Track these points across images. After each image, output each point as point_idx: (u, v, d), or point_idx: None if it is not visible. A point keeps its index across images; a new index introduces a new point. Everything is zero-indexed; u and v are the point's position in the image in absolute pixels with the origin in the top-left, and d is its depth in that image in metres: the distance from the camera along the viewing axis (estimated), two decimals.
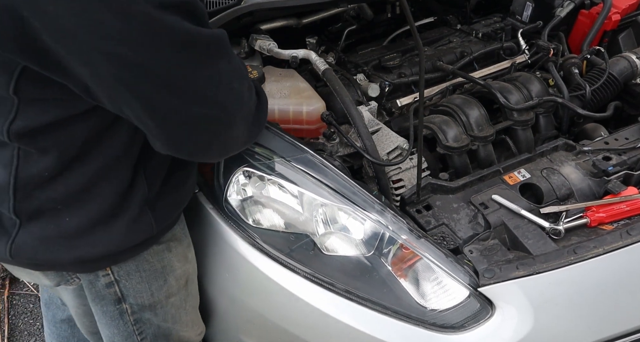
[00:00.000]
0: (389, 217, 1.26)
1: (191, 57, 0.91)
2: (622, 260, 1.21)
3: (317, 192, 1.27)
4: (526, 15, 2.02)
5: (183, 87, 0.92)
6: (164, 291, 1.28)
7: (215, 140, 1.04)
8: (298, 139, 1.37)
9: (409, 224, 1.28)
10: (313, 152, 1.33)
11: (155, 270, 1.25)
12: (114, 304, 1.26)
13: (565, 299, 1.21)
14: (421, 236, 1.26)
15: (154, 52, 0.86)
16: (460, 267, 1.24)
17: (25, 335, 2.39)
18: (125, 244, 1.13)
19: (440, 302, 1.23)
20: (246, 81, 1.07)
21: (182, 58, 0.90)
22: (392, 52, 1.87)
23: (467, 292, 1.22)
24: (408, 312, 1.22)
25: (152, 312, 1.30)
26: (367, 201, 1.27)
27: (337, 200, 1.27)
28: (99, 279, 1.21)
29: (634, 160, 1.43)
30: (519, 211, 1.32)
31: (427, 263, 1.23)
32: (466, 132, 1.58)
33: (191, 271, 1.36)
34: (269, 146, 1.32)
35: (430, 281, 1.24)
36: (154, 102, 0.91)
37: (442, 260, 1.23)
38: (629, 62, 1.74)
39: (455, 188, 1.42)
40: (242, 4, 1.62)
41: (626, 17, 1.96)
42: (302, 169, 1.29)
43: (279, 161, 1.30)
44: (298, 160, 1.30)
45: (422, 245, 1.24)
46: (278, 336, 1.36)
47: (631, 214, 1.30)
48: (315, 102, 1.56)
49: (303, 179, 1.28)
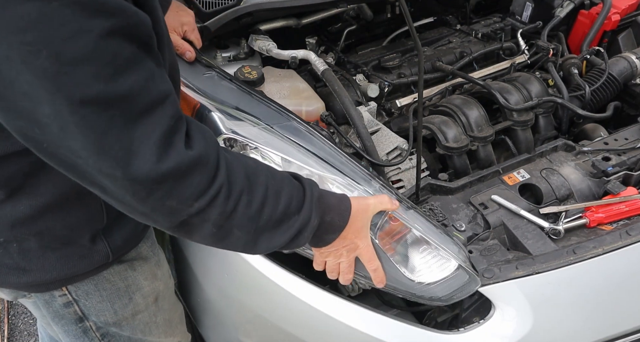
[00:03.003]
0: (377, 187, 1.21)
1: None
2: (621, 260, 1.21)
3: (303, 161, 1.21)
4: (526, 15, 2.02)
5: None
6: (129, 309, 1.23)
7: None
8: (282, 106, 1.31)
9: (397, 194, 1.24)
10: (300, 120, 1.27)
11: (117, 289, 1.19)
12: (76, 323, 1.21)
13: (564, 299, 1.21)
14: (410, 207, 1.23)
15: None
16: (449, 239, 1.22)
17: (25, 335, 2.39)
18: (79, 270, 1.09)
19: (429, 275, 1.21)
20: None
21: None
22: (391, 53, 1.87)
23: (456, 263, 1.20)
24: (395, 286, 1.20)
25: (119, 328, 1.25)
26: (355, 170, 1.22)
27: (324, 169, 1.20)
28: (55, 299, 1.16)
29: (634, 160, 1.43)
30: (519, 211, 1.32)
31: (416, 234, 1.20)
32: (466, 133, 1.58)
33: (162, 288, 1.30)
34: (253, 113, 1.25)
35: (420, 252, 1.21)
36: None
37: (431, 231, 1.21)
38: (629, 62, 1.74)
39: (455, 188, 1.42)
40: (242, 5, 1.62)
41: (626, 17, 1.96)
42: (288, 137, 1.23)
43: (263, 128, 1.23)
44: (284, 127, 1.23)
45: (410, 216, 1.21)
46: (277, 336, 1.36)
47: (630, 214, 1.30)
48: (315, 103, 1.56)
49: (288, 147, 1.22)
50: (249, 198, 0.92)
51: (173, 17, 1.42)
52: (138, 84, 0.80)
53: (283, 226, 0.97)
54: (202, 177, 0.87)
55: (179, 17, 1.43)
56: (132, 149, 0.80)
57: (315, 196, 1.01)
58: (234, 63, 1.70)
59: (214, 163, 0.88)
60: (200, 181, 0.86)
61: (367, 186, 1.21)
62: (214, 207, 0.89)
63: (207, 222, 0.90)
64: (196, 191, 0.86)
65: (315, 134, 1.24)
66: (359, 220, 1.08)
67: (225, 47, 1.74)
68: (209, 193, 0.88)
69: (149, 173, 0.81)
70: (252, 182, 0.93)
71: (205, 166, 0.87)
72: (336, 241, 1.06)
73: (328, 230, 1.04)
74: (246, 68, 1.58)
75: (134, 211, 0.88)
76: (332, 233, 1.05)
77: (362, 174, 1.22)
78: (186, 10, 1.48)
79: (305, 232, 0.99)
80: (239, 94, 1.30)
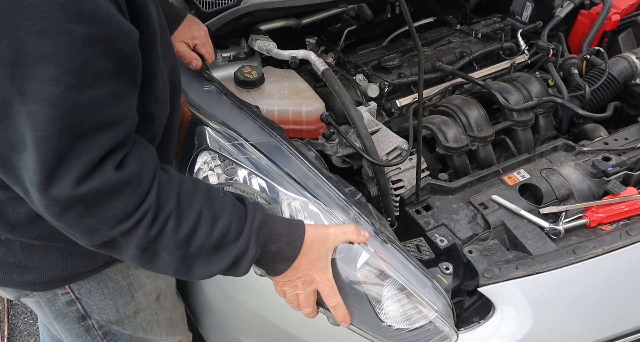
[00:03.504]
0: (352, 216, 1.11)
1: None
2: (621, 260, 1.21)
3: (275, 180, 1.15)
4: (526, 15, 2.02)
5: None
6: (131, 307, 1.23)
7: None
8: (273, 124, 1.28)
9: (375, 225, 1.12)
10: (283, 139, 1.22)
11: (120, 287, 1.19)
12: (78, 322, 1.21)
13: (564, 299, 1.21)
14: (387, 241, 1.10)
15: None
16: (429, 283, 1.08)
17: (25, 335, 2.39)
18: (82, 268, 1.09)
19: (401, 322, 1.08)
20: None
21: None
22: (391, 53, 1.87)
23: (432, 315, 1.06)
24: (362, 326, 1.08)
25: (121, 327, 1.25)
26: (331, 195, 1.13)
27: (294, 191, 1.13)
28: (57, 297, 1.16)
29: (634, 160, 1.43)
30: (519, 211, 1.32)
31: (390, 275, 1.06)
32: (466, 133, 1.58)
33: (164, 286, 1.29)
34: (236, 128, 1.23)
35: (393, 294, 1.07)
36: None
37: (408, 273, 1.07)
38: (629, 62, 1.74)
39: (455, 188, 1.42)
40: (242, 5, 1.62)
41: (626, 17, 1.96)
42: (264, 154, 1.18)
43: (239, 144, 1.20)
44: (262, 144, 1.19)
45: (387, 251, 1.08)
46: (277, 336, 1.36)
47: (630, 214, 1.30)
48: (315, 103, 1.56)
49: (259, 163, 1.17)
50: (176, 223, 0.88)
51: (184, 30, 1.43)
52: (98, 101, 0.78)
53: (220, 253, 0.93)
54: (129, 199, 0.84)
55: (191, 31, 1.45)
56: (61, 162, 0.77)
57: (256, 223, 0.95)
58: (234, 63, 1.70)
59: (146, 186, 0.86)
60: (126, 204, 0.84)
61: (341, 212, 1.12)
62: (138, 230, 0.86)
63: (131, 244, 0.88)
64: (120, 213, 0.84)
65: (296, 154, 1.18)
66: (314, 251, 0.99)
67: (225, 47, 1.74)
68: (134, 216, 0.85)
69: (63, 191, 0.78)
70: (184, 207, 0.90)
71: (135, 189, 0.84)
72: (288, 271, 0.99)
73: (276, 259, 0.98)
74: (246, 68, 1.58)
75: (51, 222, 0.85)
76: (282, 263, 0.98)
77: (337, 199, 1.13)
78: (199, 25, 1.49)
79: (243, 261, 0.94)
80: (230, 109, 1.30)
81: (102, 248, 0.90)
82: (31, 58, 0.72)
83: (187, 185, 0.93)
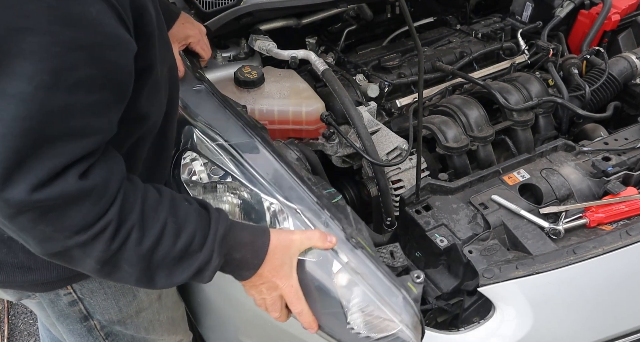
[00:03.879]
0: (323, 219, 1.09)
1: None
2: (621, 260, 1.21)
3: (250, 181, 1.14)
4: (526, 15, 2.02)
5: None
6: (133, 306, 1.22)
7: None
8: (256, 124, 1.26)
9: (347, 230, 1.08)
10: (262, 140, 1.20)
11: (122, 286, 1.17)
12: (80, 322, 1.20)
13: (564, 299, 1.21)
14: (358, 247, 1.06)
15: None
16: (397, 293, 1.04)
17: (25, 335, 2.39)
18: None
19: (367, 329, 1.05)
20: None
21: None
22: (391, 53, 1.87)
23: (398, 325, 1.03)
24: (330, 332, 1.07)
25: (123, 326, 1.25)
26: (303, 198, 1.11)
27: (267, 192, 1.12)
28: (60, 298, 1.15)
29: (634, 160, 1.43)
30: (519, 211, 1.32)
31: (356, 282, 1.04)
32: (466, 133, 1.58)
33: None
34: (218, 129, 1.23)
35: (360, 302, 1.05)
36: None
37: (377, 281, 1.04)
38: (629, 62, 1.74)
39: (455, 188, 1.42)
40: (242, 5, 1.62)
41: (626, 17, 1.96)
42: (241, 155, 1.17)
43: (220, 145, 1.20)
44: (241, 145, 1.18)
45: (357, 258, 1.05)
46: (277, 336, 1.36)
47: (630, 214, 1.30)
48: (315, 103, 1.56)
49: (231, 164, 1.16)
50: (139, 235, 0.86)
51: (178, 29, 1.41)
52: (73, 108, 0.75)
53: (183, 263, 0.92)
54: (90, 210, 0.81)
55: (185, 29, 1.43)
56: (21, 163, 0.74)
57: (220, 233, 0.94)
58: (234, 63, 1.70)
59: (109, 198, 0.83)
60: (86, 214, 0.81)
61: (312, 216, 1.10)
62: (97, 243, 0.83)
63: (89, 257, 0.85)
64: (78, 223, 0.81)
65: (273, 155, 1.17)
66: (277, 258, 0.99)
67: (225, 47, 1.74)
68: (94, 228, 0.82)
69: (17, 195, 0.75)
70: (148, 219, 0.88)
71: (97, 200, 0.82)
72: (253, 277, 0.99)
73: (240, 267, 0.98)
74: (246, 68, 1.58)
75: (2, 225, 0.82)
76: (246, 270, 0.98)
77: (310, 202, 1.11)
78: (192, 23, 1.48)
79: (206, 271, 0.94)
80: (216, 109, 1.29)
81: (56, 258, 0.86)
82: (7, 54, 0.70)
83: (151, 195, 0.91)
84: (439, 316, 1.36)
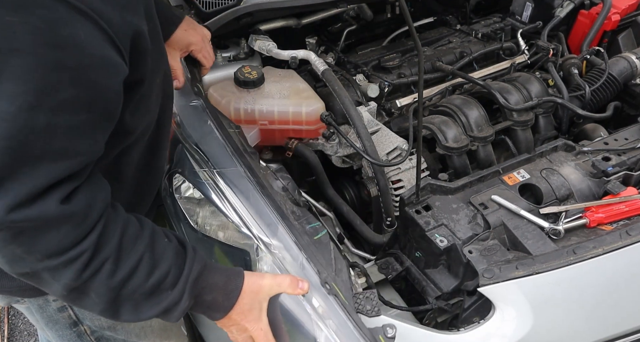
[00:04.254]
0: (300, 262, 1.06)
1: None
2: (621, 260, 1.21)
3: (228, 210, 1.13)
4: (526, 15, 2.02)
5: None
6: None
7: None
8: (247, 148, 1.25)
9: (322, 275, 1.05)
10: (248, 168, 1.19)
11: None
12: (70, 328, 1.19)
13: (564, 299, 1.21)
14: (331, 294, 1.02)
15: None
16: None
17: (25, 335, 2.39)
18: None
19: None
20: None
21: None
22: (391, 53, 1.87)
23: None
24: None
25: (113, 332, 1.23)
26: (282, 236, 1.08)
27: (243, 223, 1.11)
28: (49, 303, 1.13)
29: (634, 160, 1.43)
30: (519, 211, 1.32)
31: (324, 332, 1.01)
32: (465, 133, 1.58)
33: None
34: (207, 152, 1.23)
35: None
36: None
37: (345, 332, 1.00)
38: (629, 62, 1.75)
39: (455, 189, 1.42)
40: (242, 5, 1.62)
41: (626, 17, 1.96)
42: (223, 181, 1.17)
43: (203, 171, 1.20)
44: (228, 173, 1.18)
45: (329, 304, 1.02)
46: None
47: (630, 214, 1.30)
48: (315, 103, 1.56)
49: (213, 193, 1.17)
50: (113, 268, 0.84)
51: (180, 36, 1.38)
52: (56, 129, 0.74)
53: (152, 300, 0.90)
54: (66, 236, 0.79)
55: (187, 36, 1.39)
56: (2, 182, 0.73)
57: (193, 274, 0.92)
58: (234, 63, 1.70)
59: (89, 225, 0.81)
60: (62, 240, 0.79)
61: (288, 256, 1.08)
62: (68, 270, 0.81)
63: (57, 282, 0.83)
64: (52, 248, 0.79)
65: (257, 187, 1.15)
66: (246, 302, 0.98)
67: (225, 47, 1.74)
68: (68, 254, 0.80)
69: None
70: (124, 251, 0.86)
71: (76, 226, 0.80)
72: (223, 319, 0.99)
73: (211, 308, 0.97)
74: (246, 68, 1.58)
75: None
76: (217, 312, 0.98)
77: (290, 241, 1.08)
78: (195, 29, 1.43)
79: (174, 311, 0.92)
80: (206, 130, 1.28)
81: (24, 278, 0.85)
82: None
83: (132, 226, 0.89)
84: (439, 316, 1.36)
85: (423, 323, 1.35)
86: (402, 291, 1.47)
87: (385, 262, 1.45)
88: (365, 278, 1.43)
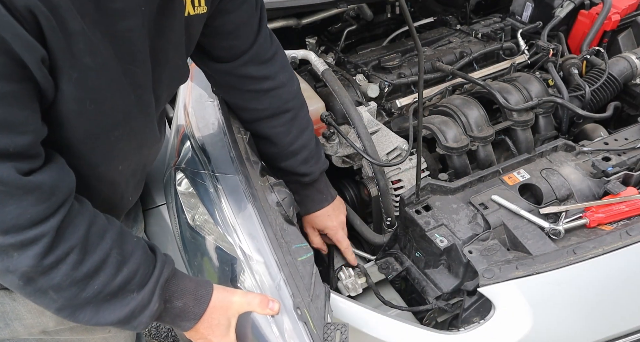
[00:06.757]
0: (277, 282, 1.03)
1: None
2: (621, 260, 1.21)
3: (216, 213, 1.13)
4: (526, 15, 2.02)
5: None
6: (5, 334, 1.07)
7: None
8: (250, 157, 1.23)
9: (296, 299, 1.01)
10: (246, 178, 1.16)
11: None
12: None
13: (564, 299, 1.21)
14: (301, 320, 0.99)
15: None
16: None
17: None
18: None
19: None
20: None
21: None
22: (391, 53, 1.87)
23: None
24: None
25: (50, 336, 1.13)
26: (265, 252, 1.06)
27: (230, 232, 1.10)
28: None
29: (634, 160, 1.43)
30: (519, 212, 1.32)
31: None
32: (466, 133, 1.58)
33: (52, 325, 1.10)
34: (210, 155, 1.23)
35: None
36: None
37: None
38: (629, 62, 1.74)
39: (455, 189, 1.42)
40: None
41: (626, 17, 1.96)
42: (214, 186, 1.17)
43: (203, 175, 1.20)
44: (223, 179, 1.17)
45: (295, 331, 0.99)
46: None
47: (630, 214, 1.30)
48: (315, 103, 1.56)
49: (205, 194, 1.17)
50: (79, 258, 0.78)
51: (320, 218, 1.46)
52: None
53: (117, 301, 0.84)
54: (27, 210, 0.72)
55: (325, 220, 1.46)
56: None
57: (164, 276, 0.89)
58: None
59: (52, 205, 0.75)
60: (21, 214, 0.72)
61: (267, 275, 1.05)
62: (25, 254, 0.74)
63: (11, 273, 0.75)
64: (9, 221, 0.71)
65: (248, 196, 1.13)
66: (215, 317, 0.95)
67: None
68: (25, 233, 0.73)
69: None
70: (91, 243, 0.80)
71: (39, 201, 0.73)
72: (190, 331, 0.95)
73: (181, 316, 0.93)
74: None
75: None
76: (186, 320, 0.94)
77: (272, 259, 1.05)
78: (338, 216, 1.48)
79: (142, 316, 0.86)
80: (214, 132, 1.28)
81: None
82: None
83: (100, 221, 0.84)
84: (439, 316, 1.37)
85: (423, 323, 1.35)
86: (402, 291, 1.47)
87: (385, 262, 1.45)
88: (365, 278, 1.44)
